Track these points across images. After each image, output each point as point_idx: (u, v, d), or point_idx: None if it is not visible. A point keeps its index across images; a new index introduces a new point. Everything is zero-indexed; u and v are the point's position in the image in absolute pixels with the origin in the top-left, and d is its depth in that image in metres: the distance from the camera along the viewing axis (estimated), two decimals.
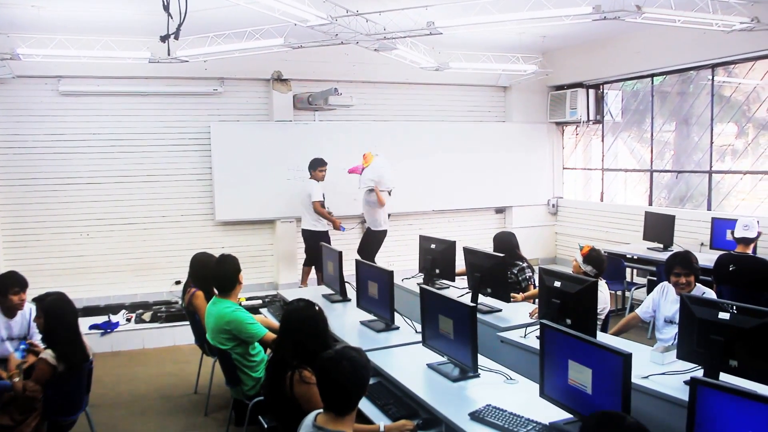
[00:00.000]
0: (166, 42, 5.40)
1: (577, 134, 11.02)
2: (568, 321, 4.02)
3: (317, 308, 3.54)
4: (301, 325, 3.43)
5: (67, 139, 8.34)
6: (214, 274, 4.54)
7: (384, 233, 8.68)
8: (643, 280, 7.70)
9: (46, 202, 8.31)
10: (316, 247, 8.30)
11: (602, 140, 10.42)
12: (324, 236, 8.32)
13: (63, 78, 8.20)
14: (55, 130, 8.29)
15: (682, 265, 4.59)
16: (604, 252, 5.28)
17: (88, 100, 8.38)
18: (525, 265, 5.98)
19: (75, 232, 8.45)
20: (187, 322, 5.78)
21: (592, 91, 10.24)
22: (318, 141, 9.17)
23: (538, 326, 3.40)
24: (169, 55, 6.97)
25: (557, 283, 4.22)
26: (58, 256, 8.38)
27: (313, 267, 8.55)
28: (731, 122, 8.56)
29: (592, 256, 4.97)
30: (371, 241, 8.71)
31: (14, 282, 4.77)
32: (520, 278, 5.90)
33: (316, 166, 8.44)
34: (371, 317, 4.93)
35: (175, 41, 5.52)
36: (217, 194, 8.87)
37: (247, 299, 7.80)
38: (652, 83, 9.44)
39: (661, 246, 7.96)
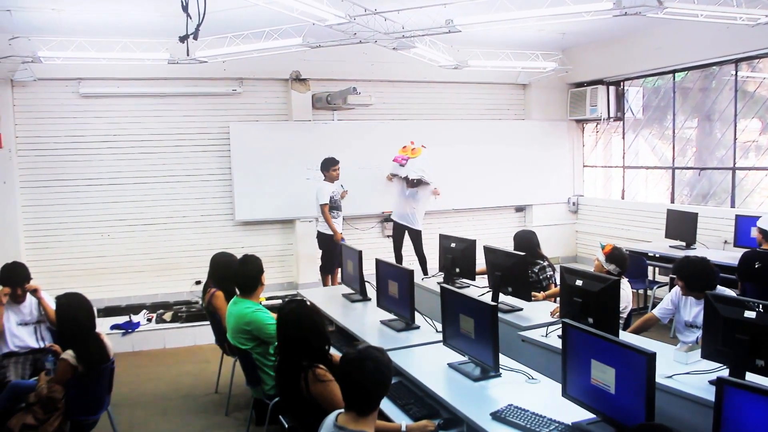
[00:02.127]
0: (185, 42, 5.43)
1: (597, 132, 10.93)
2: (590, 320, 3.98)
3: (309, 303, 3.60)
4: (300, 324, 3.44)
5: (88, 140, 8.42)
6: (237, 274, 4.55)
7: (421, 233, 8.62)
8: (666, 279, 7.62)
9: (68, 203, 8.40)
10: (326, 250, 8.34)
11: (623, 137, 10.32)
12: (332, 240, 8.23)
13: (83, 80, 8.29)
14: (76, 131, 8.38)
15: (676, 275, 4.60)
16: (626, 250, 5.23)
17: (109, 102, 8.46)
18: (546, 263, 5.94)
19: (96, 232, 8.53)
20: (208, 322, 5.80)
21: (612, 88, 10.14)
22: (337, 140, 9.17)
23: (560, 325, 3.37)
24: (188, 55, 7.01)
25: (579, 282, 4.18)
26: (79, 257, 8.47)
27: (330, 272, 8.50)
28: (755, 118, 8.43)
29: (615, 255, 4.92)
30: (416, 240, 8.64)
31: (16, 275, 4.93)
32: (541, 277, 5.85)
33: (329, 167, 8.25)
34: (391, 316, 4.91)
35: (194, 42, 5.55)
36: (237, 194, 8.91)
37: (267, 299, 7.80)
38: (674, 79, 9.33)
39: (684, 244, 7.88)
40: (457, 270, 5.85)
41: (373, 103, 9.16)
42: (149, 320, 7.58)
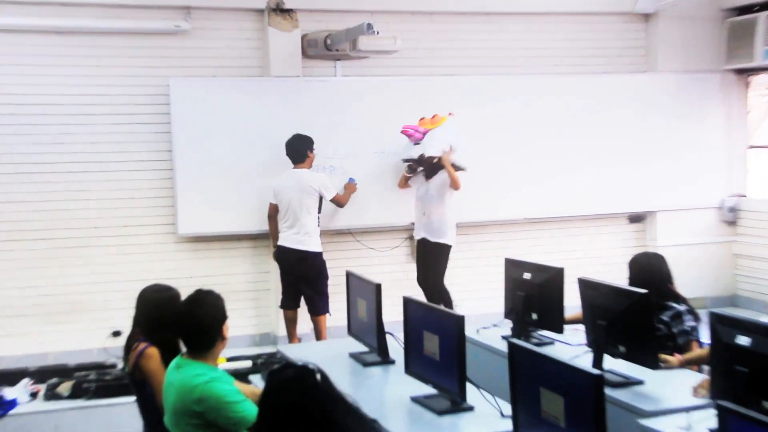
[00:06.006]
0: None
1: None
2: (767, 404, 3.91)
3: (318, 375, 3.37)
4: (297, 409, 3.28)
5: None
6: (183, 321, 4.51)
7: (448, 249, 8.68)
8: None
9: None
10: (321, 278, 8.49)
11: None
12: (315, 259, 8.47)
13: None
14: None
15: None
16: None
17: None
18: (683, 308, 5.83)
19: None
20: (132, 398, 5.74)
21: None
22: (341, 107, 9.24)
23: (712, 411, 3.33)
24: None
25: (743, 340, 4.14)
26: None
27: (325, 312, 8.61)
28: None
29: None
30: (435, 261, 8.72)
31: None
32: (675, 329, 5.74)
33: (306, 148, 8.51)
34: (429, 390, 4.87)
35: None
36: (181, 194, 8.92)
37: (229, 360, 7.81)
38: None
39: None
40: (534, 316, 5.84)
41: (399, 49, 9.08)
42: (33, 395, 7.53)
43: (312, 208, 8.40)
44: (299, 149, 8.46)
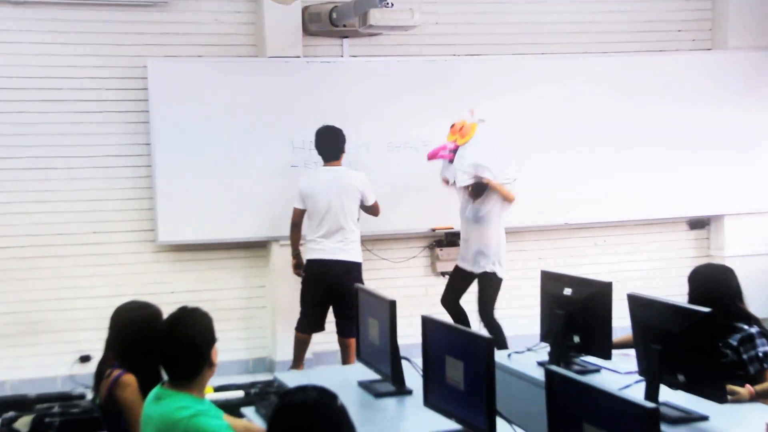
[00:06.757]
0: None
1: None
2: None
3: (339, 404, 3.31)
4: None
5: None
6: (166, 345, 4.43)
7: (498, 281, 8.63)
8: None
9: None
10: (345, 293, 8.40)
11: None
12: (359, 271, 8.50)
13: None
14: None
15: None
16: None
17: None
18: (755, 330, 5.67)
19: None
20: None
21: None
22: (348, 92, 9.27)
23: None
24: None
25: None
26: None
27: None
28: None
29: None
30: (482, 291, 8.72)
31: None
32: (745, 355, 5.59)
33: (342, 143, 8.50)
34: (452, 425, 4.73)
35: None
36: (161, 195, 8.90)
37: (217, 390, 7.59)
38: None
39: None
40: (576, 339, 5.79)
41: (417, 24, 9.07)
42: None
43: (355, 212, 8.45)
44: (334, 144, 8.45)
